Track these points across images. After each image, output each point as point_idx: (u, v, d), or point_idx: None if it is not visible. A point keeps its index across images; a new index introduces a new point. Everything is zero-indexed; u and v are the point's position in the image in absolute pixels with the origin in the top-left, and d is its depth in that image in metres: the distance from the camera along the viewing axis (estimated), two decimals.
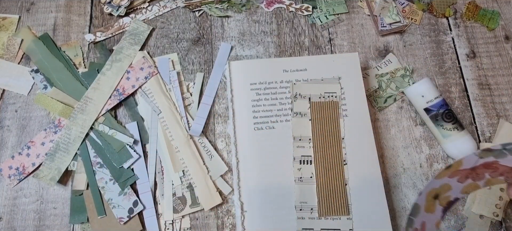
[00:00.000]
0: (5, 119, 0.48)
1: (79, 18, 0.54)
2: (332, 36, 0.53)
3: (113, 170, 0.45)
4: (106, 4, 0.53)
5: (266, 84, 0.47)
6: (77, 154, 0.46)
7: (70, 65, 0.50)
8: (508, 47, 0.52)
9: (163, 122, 0.47)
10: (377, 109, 0.49)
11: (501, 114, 0.49)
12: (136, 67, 0.49)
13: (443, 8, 0.54)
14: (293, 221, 0.42)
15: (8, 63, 0.50)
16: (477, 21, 0.54)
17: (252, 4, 0.55)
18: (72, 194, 0.44)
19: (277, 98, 0.46)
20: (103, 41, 0.52)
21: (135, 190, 0.45)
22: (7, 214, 0.44)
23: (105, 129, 0.46)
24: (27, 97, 0.49)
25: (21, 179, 0.45)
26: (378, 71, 0.51)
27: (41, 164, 0.45)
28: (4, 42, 0.51)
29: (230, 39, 0.53)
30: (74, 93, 0.48)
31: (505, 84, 0.50)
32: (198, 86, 0.50)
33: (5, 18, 0.53)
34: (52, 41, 0.52)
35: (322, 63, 0.48)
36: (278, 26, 0.53)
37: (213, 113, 0.49)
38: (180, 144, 0.46)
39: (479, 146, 0.47)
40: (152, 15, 0.54)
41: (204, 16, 0.54)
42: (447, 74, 0.51)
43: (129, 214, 0.43)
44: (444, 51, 0.52)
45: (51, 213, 0.44)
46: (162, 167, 0.46)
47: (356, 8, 0.55)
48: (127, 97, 0.48)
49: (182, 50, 0.52)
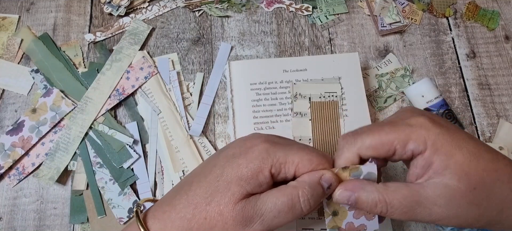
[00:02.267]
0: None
1: (79, 18, 0.54)
2: (332, 36, 0.53)
3: (113, 170, 0.45)
4: (106, 4, 0.53)
5: (266, 84, 0.47)
6: (77, 154, 0.46)
7: (70, 65, 0.50)
8: (508, 47, 0.52)
9: (163, 122, 0.47)
10: (377, 109, 0.49)
11: (501, 115, 0.49)
12: (136, 67, 0.49)
13: (443, 8, 0.54)
14: (293, 221, 0.42)
15: (8, 63, 0.50)
16: (477, 21, 0.54)
17: (252, 4, 0.55)
18: (72, 194, 0.44)
19: (277, 98, 0.46)
20: (103, 41, 0.52)
21: (135, 190, 0.45)
22: (7, 214, 0.44)
23: (105, 128, 0.46)
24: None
25: (21, 179, 0.45)
26: (378, 71, 0.51)
27: (41, 163, 0.45)
28: (4, 42, 0.51)
29: (230, 39, 0.53)
30: (74, 93, 0.48)
31: (505, 84, 0.50)
32: (198, 86, 0.50)
33: (4, 18, 0.53)
34: (52, 41, 0.52)
35: (322, 63, 0.48)
36: (278, 26, 0.53)
37: (213, 113, 0.49)
38: (180, 144, 0.46)
39: None
40: (152, 15, 0.54)
41: (204, 16, 0.54)
42: (447, 74, 0.51)
43: (129, 214, 0.43)
44: (444, 51, 0.52)
45: (51, 213, 0.44)
46: (162, 167, 0.46)
47: (356, 8, 0.55)
48: (127, 97, 0.48)
49: (182, 50, 0.52)
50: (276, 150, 0.28)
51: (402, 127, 0.28)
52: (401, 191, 0.27)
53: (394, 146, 0.28)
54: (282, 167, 0.28)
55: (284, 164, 0.28)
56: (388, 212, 0.27)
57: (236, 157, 0.29)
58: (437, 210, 0.27)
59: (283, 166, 0.28)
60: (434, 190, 0.27)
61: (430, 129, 0.27)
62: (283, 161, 0.28)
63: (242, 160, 0.28)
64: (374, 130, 0.29)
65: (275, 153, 0.28)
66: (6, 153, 0.45)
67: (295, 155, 0.28)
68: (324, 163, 0.29)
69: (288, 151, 0.28)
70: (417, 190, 0.27)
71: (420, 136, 0.27)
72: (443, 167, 0.27)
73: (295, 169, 0.28)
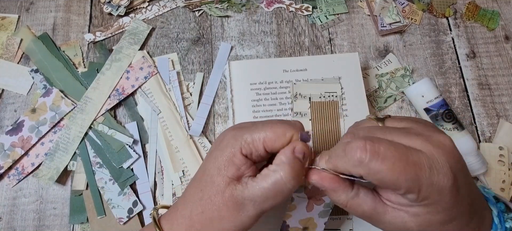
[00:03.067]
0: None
1: (79, 18, 0.53)
2: (332, 36, 0.53)
3: (113, 170, 0.45)
4: (106, 4, 0.53)
5: (266, 84, 0.47)
6: (77, 154, 0.46)
7: (70, 65, 0.50)
8: (508, 47, 0.52)
9: (163, 122, 0.47)
10: (377, 109, 0.49)
11: (501, 115, 0.49)
12: (136, 67, 0.49)
13: (443, 8, 0.54)
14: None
15: (8, 63, 0.50)
16: (477, 21, 0.54)
17: (252, 4, 0.55)
18: (71, 194, 0.44)
19: (277, 98, 0.46)
20: (102, 41, 0.52)
21: (135, 190, 0.45)
22: (7, 214, 0.44)
23: (105, 128, 0.46)
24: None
25: (20, 179, 0.45)
26: (378, 71, 0.51)
27: (41, 163, 0.45)
28: (4, 42, 0.51)
29: (230, 39, 0.53)
30: (74, 93, 0.48)
31: (505, 84, 0.50)
32: (198, 86, 0.50)
33: (4, 18, 0.53)
34: (52, 41, 0.52)
35: (322, 63, 0.48)
36: (278, 26, 0.53)
37: (213, 113, 0.49)
38: (180, 144, 0.46)
39: (479, 146, 0.47)
40: (151, 15, 0.54)
41: (204, 16, 0.54)
42: (447, 74, 0.51)
43: (128, 214, 0.43)
44: (444, 51, 0.52)
45: (51, 213, 0.44)
46: (162, 167, 0.46)
47: (356, 8, 0.55)
48: (127, 97, 0.48)
49: (182, 50, 0.52)
50: (242, 133, 0.30)
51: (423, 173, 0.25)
52: (364, 206, 0.29)
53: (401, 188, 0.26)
54: (251, 146, 0.30)
55: (251, 142, 0.30)
56: (346, 209, 0.30)
57: (212, 151, 0.32)
58: (383, 229, 0.30)
59: (251, 145, 0.30)
60: (392, 219, 0.28)
61: (443, 193, 0.26)
62: (250, 140, 0.30)
63: (216, 152, 0.31)
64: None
65: (241, 135, 0.30)
66: (6, 153, 0.45)
67: (259, 131, 0.30)
68: (287, 129, 0.30)
69: (252, 130, 0.30)
70: (378, 212, 0.29)
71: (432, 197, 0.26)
72: (415, 214, 0.27)
73: (263, 144, 0.30)
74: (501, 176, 0.45)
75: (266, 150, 0.30)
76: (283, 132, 0.30)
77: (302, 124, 0.32)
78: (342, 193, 0.29)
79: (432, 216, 0.27)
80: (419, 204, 0.26)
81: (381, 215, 0.29)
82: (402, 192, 0.26)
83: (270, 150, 0.30)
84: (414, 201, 0.26)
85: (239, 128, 0.31)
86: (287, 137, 0.30)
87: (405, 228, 0.28)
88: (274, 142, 0.30)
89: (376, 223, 0.30)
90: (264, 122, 0.32)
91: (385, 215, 0.28)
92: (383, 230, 0.30)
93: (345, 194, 0.29)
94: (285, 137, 0.30)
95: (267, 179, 0.29)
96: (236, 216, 0.29)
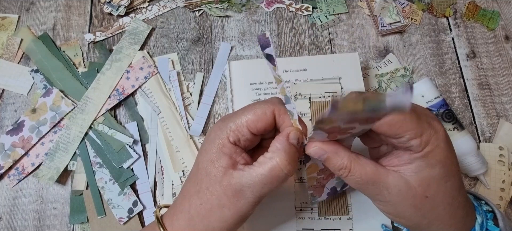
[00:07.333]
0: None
1: (79, 18, 0.54)
2: (332, 36, 0.53)
3: (113, 170, 0.45)
4: (106, 4, 0.53)
5: (266, 84, 0.47)
6: (77, 153, 0.46)
7: (70, 65, 0.50)
8: (508, 47, 0.52)
9: (163, 122, 0.47)
10: None
11: (501, 115, 0.49)
12: (136, 67, 0.49)
13: (443, 8, 0.54)
14: (293, 221, 0.42)
15: (8, 63, 0.50)
16: (477, 21, 0.54)
17: (252, 4, 0.55)
18: (71, 194, 0.44)
19: None
20: (102, 41, 0.52)
21: (135, 190, 0.45)
22: (7, 214, 0.44)
23: (105, 128, 0.46)
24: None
25: (20, 179, 0.45)
26: (378, 71, 0.51)
27: (41, 163, 0.45)
28: (4, 42, 0.51)
29: (230, 39, 0.53)
30: (74, 93, 0.48)
31: (505, 84, 0.50)
32: (198, 86, 0.50)
33: (4, 18, 0.53)
34: (52, 41, 0.52)
35: (322, 63, 0.48)
36: (278, 26, 0.53)
37: (213, 113, 0.49)
38: (180, 144, 0.46)
39: (479, 146, 0.47)
40: (152, 15, 0.54)
41: (204, 16, 0.54)
42: (447, 74, 0.51)
43: (128, 214, 0.43)
44: (444, 51, 0.52)
45: (51, 213, 0.44)
46: (162, 167, 0.46)
47: (356, 8, 0.55)
48: (127, 97, 0.48)
49: (182, 50, 0.52)
50: (226, 122, 0.32)
51: (425, 124, 0.28)
52: (367, 168, 0.30)
53: (407, 132, 0.28)
54: (237, 133, 0.31)
55: (236, 129, 0.31)
56: (346, 178, 0.30)
57: (203, 146, 0.33)
58: (386, 195, 0.29)
59: (237, 132, 0.31)
60: (395, 180, 0.29)
61: (440, 145, 0.28)
62: (234, 127, 0.31)
63: (206, 145, 0.32)
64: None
65: (226, 124, 0.32)
66: (6, 153, 0.45)
67: (241, 117, 0.31)
68: (266, 108, 0.31)
69: (235, 118, 0.32)
70: (380, 173, 0.29)
71: (432, 143, 0.28)
72: (417, 170, 0.28)
73: (247, 127, 0.31)
74: (501, 176, 0.45)
75: (252, 132, 0.31)
76: (263, 111, 0.31)
77: (280, 98, 0.33)
78: (344, 155, 0.30)
79: (431, 169, 0.28)
80: (420, 156, 0.28)
81: (384, 177, 0.29)
82: (406, 139, 0.27)
83: (256, 132, 0.31)
84: (417, 148, 0.28)
85: (223, 120, 0.33)
86: (268, 115, 0.31)
87: (408, 188, 0.29)
88: (257, 123, 0.31)
89: (379, 188, 0.30)
90: (245, 107, 0.33)
91: (388, 176, 0.29)
92: (386, 201, 0.30)
93: (347, 155, 0.30)
94: (266, 115, 0.31)
95: (264, 165, 0.30)
96: (236, 204, 0.30)
